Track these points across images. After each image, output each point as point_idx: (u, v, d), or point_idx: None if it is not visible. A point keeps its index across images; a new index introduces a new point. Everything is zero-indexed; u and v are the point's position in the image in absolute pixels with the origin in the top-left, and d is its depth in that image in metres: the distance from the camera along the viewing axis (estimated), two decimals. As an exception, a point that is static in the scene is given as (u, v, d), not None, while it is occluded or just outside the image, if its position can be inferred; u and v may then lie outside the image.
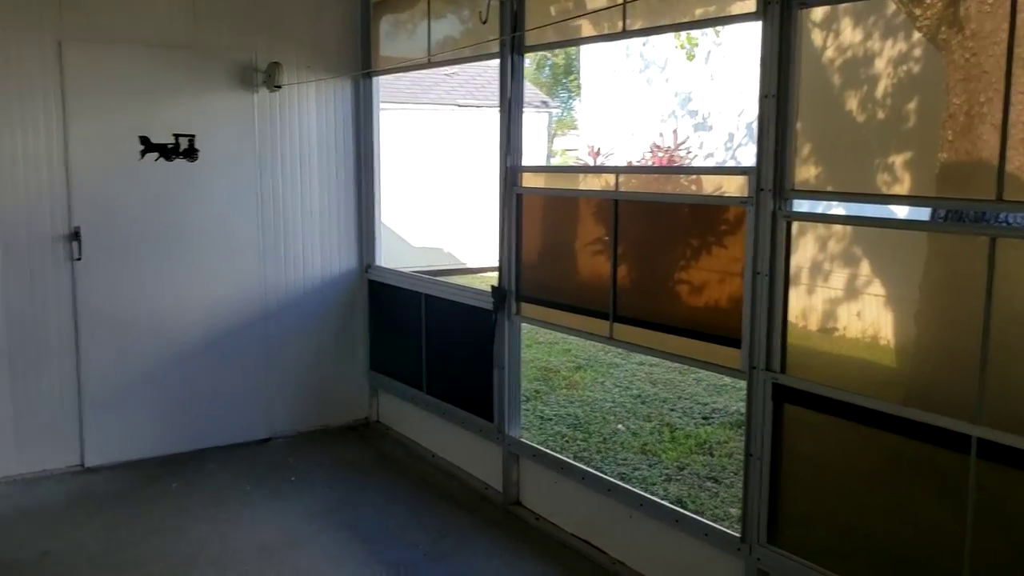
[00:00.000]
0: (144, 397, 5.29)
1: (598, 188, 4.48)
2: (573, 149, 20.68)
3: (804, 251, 3.22)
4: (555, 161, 19.29)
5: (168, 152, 5.20)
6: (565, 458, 4.57)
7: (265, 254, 5.60)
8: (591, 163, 13.87)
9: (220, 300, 5.47)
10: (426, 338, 5.41)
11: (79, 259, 4.99)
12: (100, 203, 5.05)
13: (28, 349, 4.95)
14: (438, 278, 5.68)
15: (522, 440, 4.75)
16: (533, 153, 15.23)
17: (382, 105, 6.06)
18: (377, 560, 4.17)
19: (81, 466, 5.15)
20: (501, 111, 4.63)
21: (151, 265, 5.22)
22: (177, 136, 5.22)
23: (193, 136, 5.26)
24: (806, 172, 3.21)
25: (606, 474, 4.52)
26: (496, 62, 4.69)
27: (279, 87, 5.43)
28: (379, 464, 5.42)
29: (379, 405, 6.09)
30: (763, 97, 3.25)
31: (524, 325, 4.76)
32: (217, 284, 5.45)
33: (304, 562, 4.16)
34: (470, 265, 14.11)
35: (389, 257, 6.10)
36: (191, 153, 5.26)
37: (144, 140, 5.12)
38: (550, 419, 6.60)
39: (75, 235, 4.96)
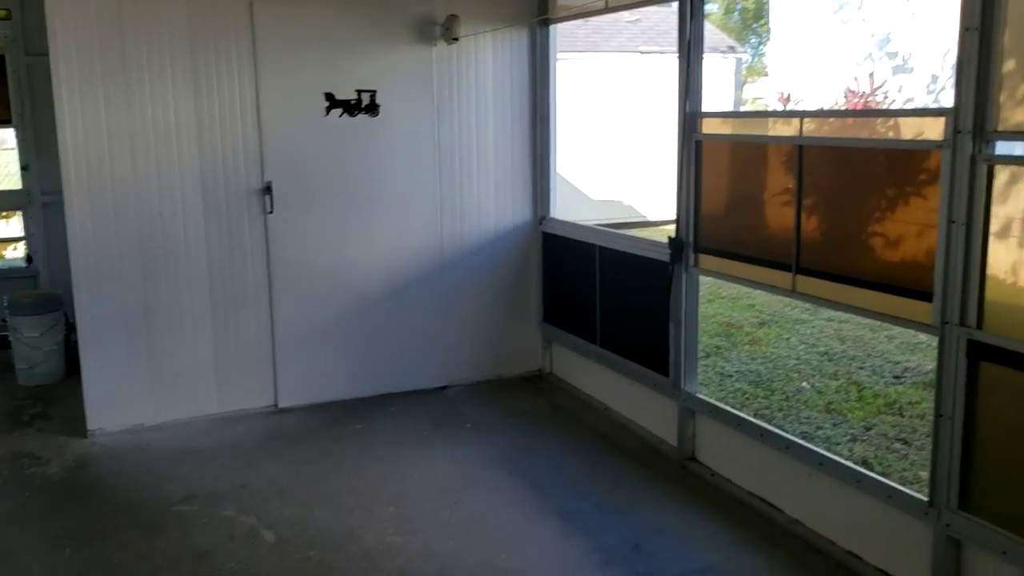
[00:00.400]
0: (331, 344, 5.55)
1: (782, 134, 4.24)
2: (760, 97, 19.87)
3: (1008, 198, 2.92)
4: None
5: (351, 108, 5.36)
6: (743, 415, 4.41)
7: (442, 206, 5.70)
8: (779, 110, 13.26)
9: (400, 251, 5.63)
10: (600, 291, 5.36)
11: (271, 212, 5.26)
12: (289, 158, 5.29)
13: (228, 298, 5.28)
14: (614, 230, 5.61)
15: (699, 396, 4.63)
16: (718, 101, 14.72)
17: (560, 55, 6.00)
18: (550, 508, 4.21)
19: (275, 407, 5.48)
20: (680, 54, 4.46)
21: (336, 217, 5.43)
22: (360, 92, 5.37)
23: (374, 92, 5.39)
24: (1012, 112, 2.89)
25: (787, 432, 4.34)
26: (676, 4, 4.51)
27: (456, 39, 5.47)
28: (552, 415, 5.46)
29: (552, 357, 6.11)
30: (964, 30, 2.95)
31: (703, 278, 4.62)
32: (397, 235, 5.60)
33: (479, 505, 4.25)
34: (651, 218, 13.89)
35: (566, 210, 6.07)
36: (372, 108, 5.40)
37: (329, 97, 5.30)
38: (730, 375, 6.42)
39: (267, 189, 5.23)
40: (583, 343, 5.59)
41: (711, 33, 15.91)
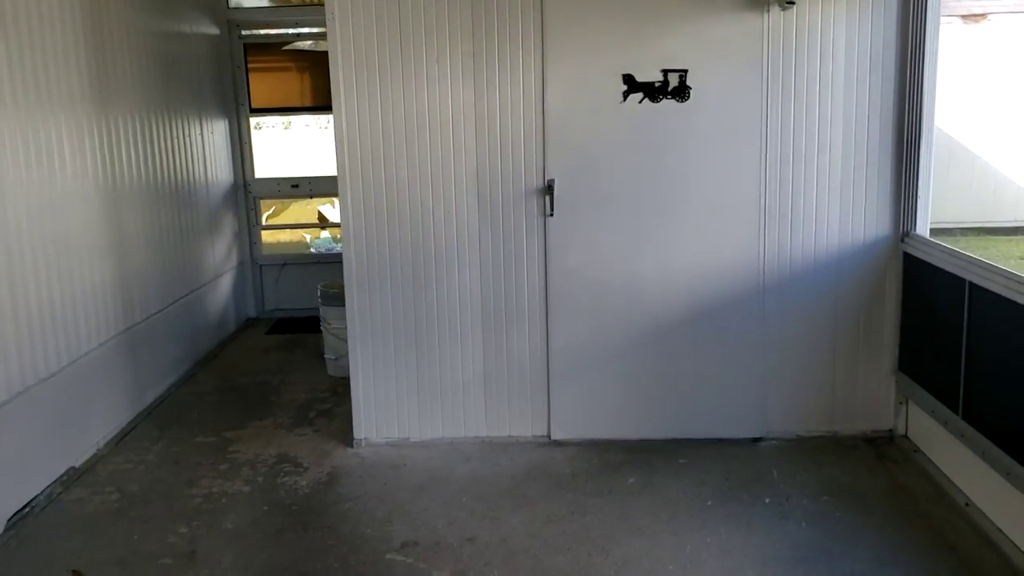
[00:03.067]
0: (616, 371, 4.69)
1: None
2: None
3: None
4: None
5: (654, 92, 4.41)
6: None
7: (767, 213, 4.53)
8: None
9: (708, 266, 4.58)
10: (967, 345, 3.86)
11: (551, 215, 4.53)
12: (575, 153, 4.50)
13: (500, 311, 4.67)
14: (1001, 266, 4.00)
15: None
16: None
17: (946, 19, 4.48)
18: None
19: (547, 437, 4.77)
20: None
21: (629, 223, 4.54)
22: (666, 72, 4.40)
23: (685, 71, 4.39)
24: None
25: None
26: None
27: (792, 3, 4.25)
28: (889, 500, 4.08)
29: (908, 417, 4.65)
30: None
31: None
32: (706, 247, 4.56)
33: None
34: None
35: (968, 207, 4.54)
36: (681, 92, 4.40)
37: (628, 79, 4.41)
38: None
39: (548, 189, 4.49)
40: (943, 409, 4.11)
41: None
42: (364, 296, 4.67)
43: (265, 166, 8.09)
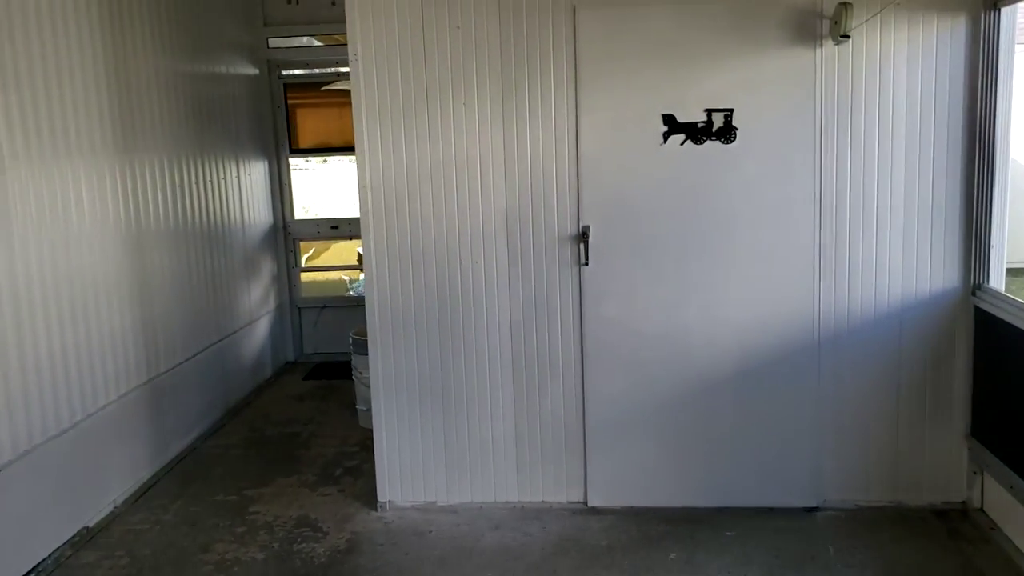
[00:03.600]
0: (658, 431, 4.34)
1: None
2: None
3: None
4: None
5: (697, 133, 4.09)
6: None
7: (822, 263, 4.16)
8: None
9: (757, 319, 4.22)
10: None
11: (586, 264, 4.22)
12: (612, 197, 4.19)
13: (532, 363, 4.36)
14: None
15: None
16: None
17: (1021, 46, 4.09)
18: None
19: (583, 504, 4.43)
20: None
21: (671, 272, 4.21)
22: (710, 112, 4.08)
23: (730, 111, 4.06)
24: None
25: None
26: None
27: (847, 36, 3.90)
28: (961, 587, 3.66)
29: (984, 489, 4.20)
30: None
31: None
32: (755, 298, 4.20)
33: None
34: None
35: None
36: (727, 133, 4.08)
37: (668, 120, 4.10)
38: None
39: (583, 236, 4.19)
40: (1019, 482, 3.67)
41: None
42: (388, 347, 4.41)
43: (306, 206, 7.94)
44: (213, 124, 6.19)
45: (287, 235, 7.45)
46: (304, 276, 7.80)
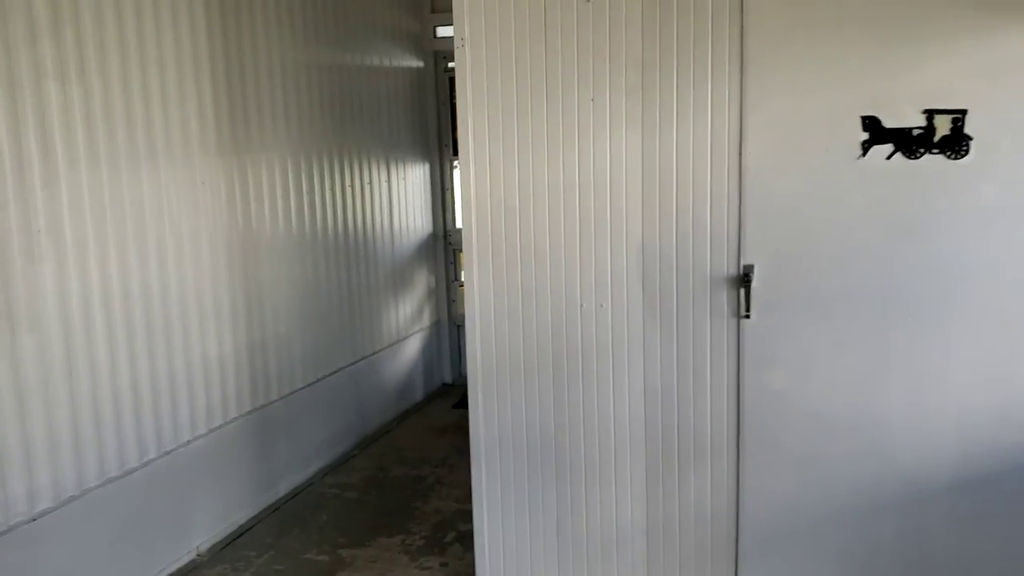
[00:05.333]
0: (838, 547, 3.18)
1: None
2: None
3: None
4: None
5: (911, 143, 2.90)
6: None
7: (1099, 335, 2.85)
8: None
9: (991, 406, 2.95)
10: None
11: (747, 316, 3.13)
12: (786, 229, 3.08)
13: (671, 440, 3.33)
14: None
15: None
16: None
17: None
18: None
19: (732, 631, 3.37)
20: None
21: (866, 335, 3.03)
22: (931, 114, 2.86)
23: (962, 113, 2.83)
24: None
25: None
26: None
27: None
28: None
29: None
30: None
31: None
32: (988, 378, 2.94)
33: None
34: None
35: None
36: (956, 144, 2.85)
37: (870, 124, 2.93)
38: None
39: (744, 278, 3.11)
40: None
41: None
42: (491, 402, 3.54)
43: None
44: (359, 122, 5.59)
45: (447, 245, 6.77)
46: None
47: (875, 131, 2.93)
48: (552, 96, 3.26)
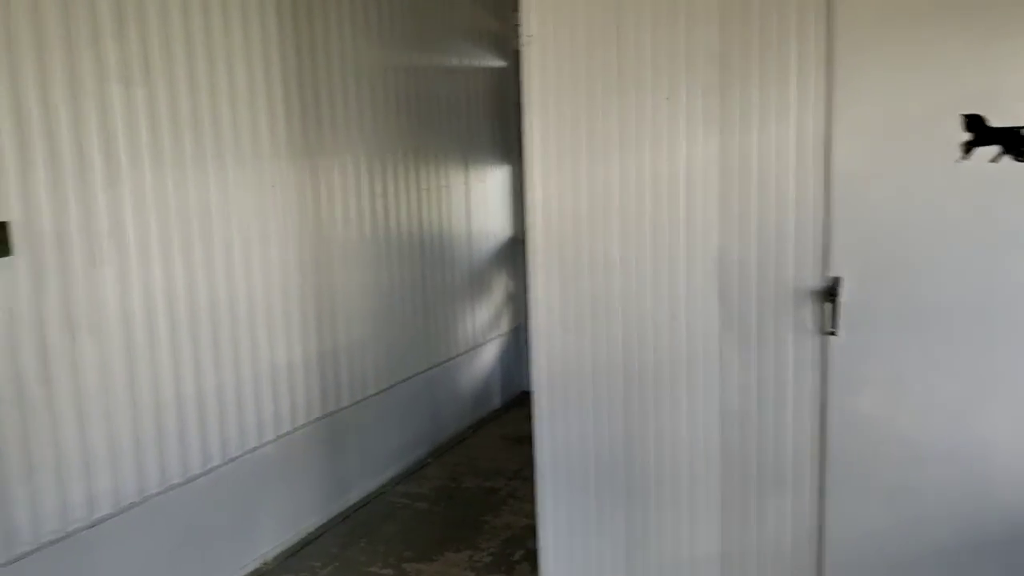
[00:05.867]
0: (936, 591, 2.90)
1: None
2: None
3: None
4: None
5: (1020, 144, 2.60)
6: None
7: None
8: None
9: (1117, 445, 2.64)
10: None
11: (833, 333, 2.87)
12: (878, 238, 2.80)
13: (749, 466, 3.09)
14: None
15: None
16: None
17: None
18: None
19: (814, 674, 3.09)
20: None
21: (964, 359, 2.73)
22: (1049, 109, 2.58)
23: (1085, 108, 2.53)
24: None
25: None
26: None
27: None
28: None
29: None
30: None
31: None
32: (1114, 411, 2.63)
33: None
34: None
35: None
36: (1077, 142, 2.55)
37: (973, 123, 2.63)
38: None
39: (831, 292, 2.85)
40: None
41: None
42: (558, 418, 3.35)
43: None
44: (436, 123, 5.49)
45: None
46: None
47: (979, 131, 2.64)
48: (624, 95, 3.06)
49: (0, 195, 2.98)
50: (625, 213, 3.13)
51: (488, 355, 6.23)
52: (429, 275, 5.44)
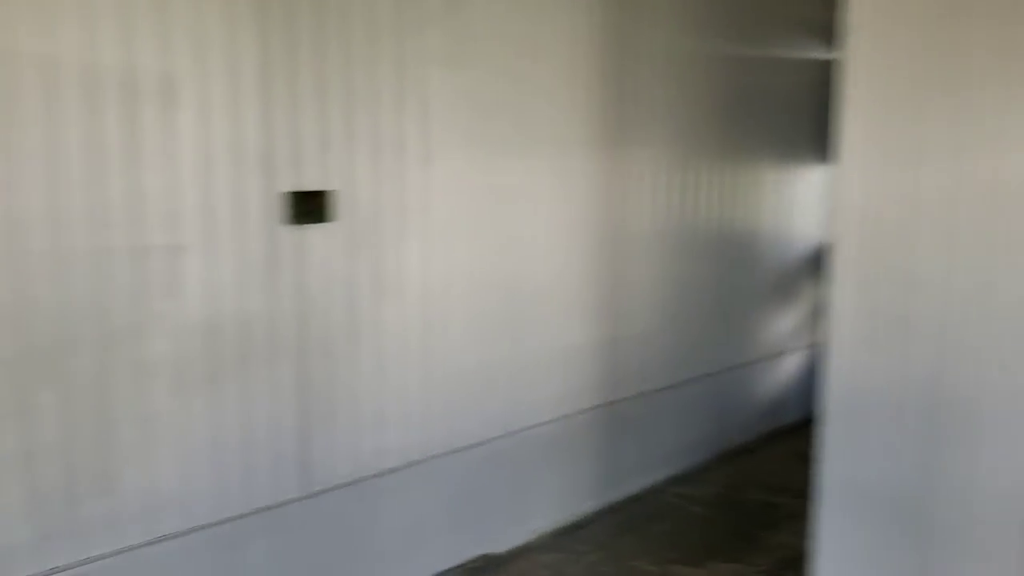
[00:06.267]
0: None
1: None
2: None
3: None
4: None
5: None
6: None
7: None
8: None
9: None
10: None
11: None
12: None
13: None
14: None
15: None
16: None
17: None
18: None
19: None
20: None
21: None
22: None
23: None
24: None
25: None
26: None
27: None
28: None
29: None
30: None
31: None
32: None
33: None
34: None
35: None
36: None
37: None
38: None
39: None
40: None
41: None
42: (849, 446, 3.07)
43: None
44: (749, 117, 5.26)
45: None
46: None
47: None
48: (965, 93, 2.72)
49: (327, 166, 3.25)
50: (949, 225, 2.78)
51: (788, 366, 5.90)
52: (728, 275, 5.24)
